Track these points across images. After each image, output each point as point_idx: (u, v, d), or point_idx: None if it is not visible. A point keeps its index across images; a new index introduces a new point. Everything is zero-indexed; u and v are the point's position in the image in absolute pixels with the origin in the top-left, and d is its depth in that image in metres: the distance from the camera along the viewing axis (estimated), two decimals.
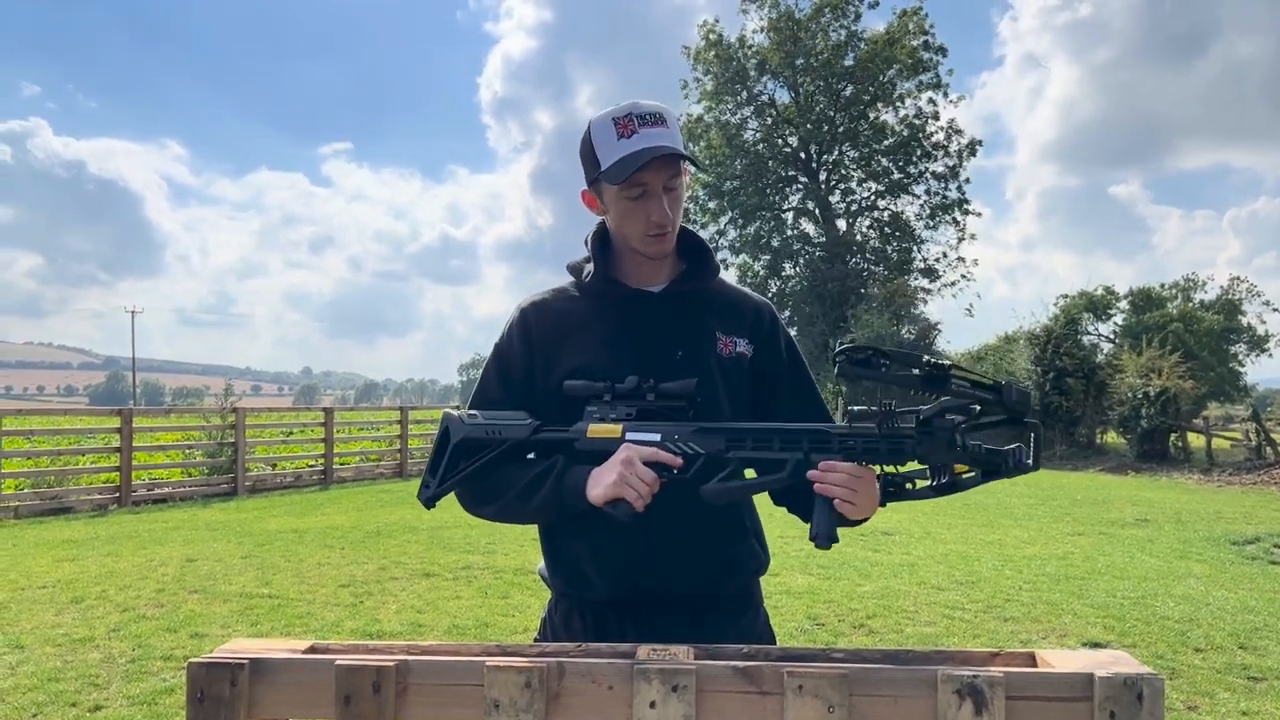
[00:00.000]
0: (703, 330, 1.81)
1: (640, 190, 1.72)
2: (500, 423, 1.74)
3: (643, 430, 1.66)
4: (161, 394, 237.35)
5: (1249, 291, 40.65)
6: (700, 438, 1.63)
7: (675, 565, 1.73)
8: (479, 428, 1.74)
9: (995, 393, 1.45)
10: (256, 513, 12.17)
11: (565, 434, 1.70)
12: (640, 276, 1.84)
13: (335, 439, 16.84)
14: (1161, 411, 20.77)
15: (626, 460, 1.59)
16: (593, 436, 1.69)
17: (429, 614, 6.37)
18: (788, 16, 37.71)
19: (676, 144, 1.72)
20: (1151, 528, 10.88)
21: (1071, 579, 7.65)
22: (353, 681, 1.28)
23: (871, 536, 9.72)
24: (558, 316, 1.83)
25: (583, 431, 1.69)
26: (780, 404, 1.84)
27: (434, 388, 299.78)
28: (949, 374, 1.46)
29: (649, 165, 1.68)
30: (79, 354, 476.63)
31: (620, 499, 1.59)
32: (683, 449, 1.62)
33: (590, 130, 1.76)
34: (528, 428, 1.72)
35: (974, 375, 1.47)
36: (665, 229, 1.75)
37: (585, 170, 1.80)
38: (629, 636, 1.66)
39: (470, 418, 1.75)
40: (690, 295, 1.84)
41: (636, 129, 1.71)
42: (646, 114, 1.73)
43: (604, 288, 1.82)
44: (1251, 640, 5.78)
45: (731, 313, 1.86)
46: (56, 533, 10.33)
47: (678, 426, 1.65)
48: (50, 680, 4.91)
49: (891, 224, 39.70)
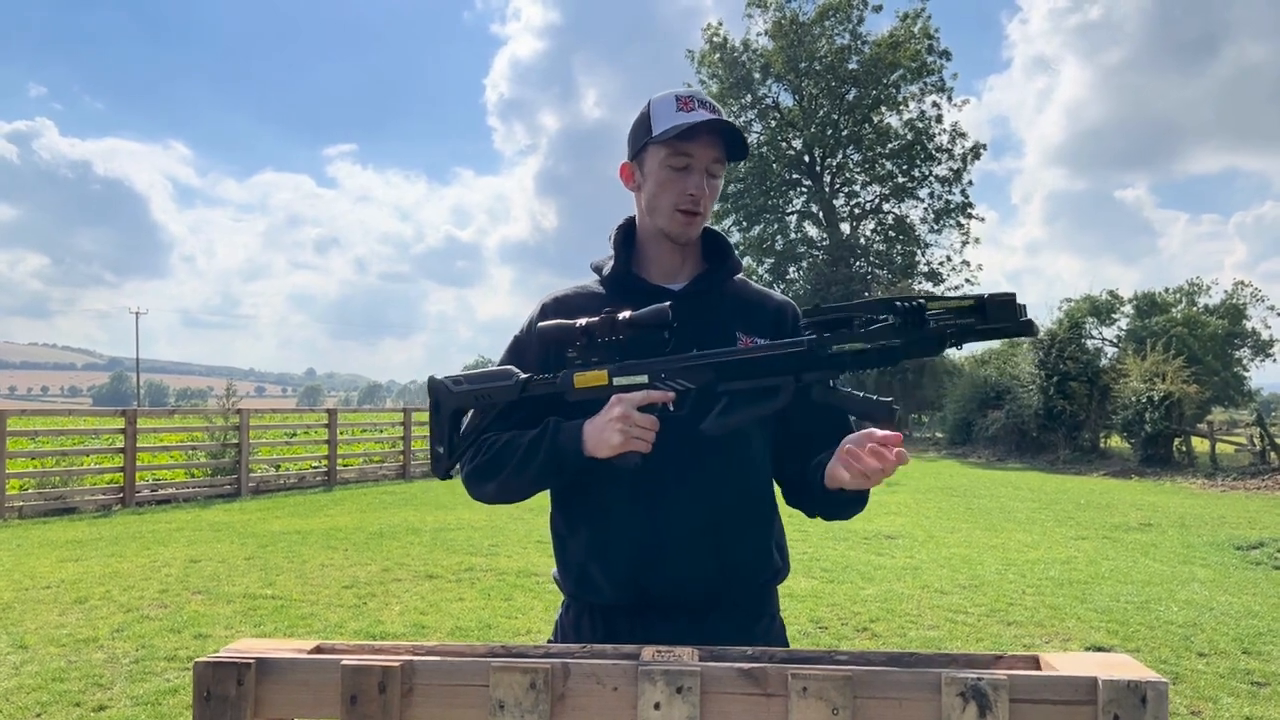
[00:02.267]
0: (722, 328, 1.82)
1: (685, 162, 1.77)
2: (488, 385, 1.72)
3: (629, 371, 1.63)
4: (165, 395, 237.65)
5: (1253, 296, 40.64)
6: (688, 373, 1.60)
7: (683, 570, 1.72)
8: (468, 395, 1.73)
9: (979, 313, 1.36)
10: (260, 514, 12.19)
11: (553, 385, 1.68)
12: (663, 273, 1.87)
13: (339, 440, 16.86)
14: (1165, 416, 20.74)
15: (623, 416, 1.59)
16: (580, 387, 1.66)
17: (432, 615, 6.38)
18: (792, 20, 37.73)
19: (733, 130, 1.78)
20: (1155, 532, 10.86)
21: (1075, 583, 7.64)
22: (359, 682, 1.28)
23: (875, 540, 9.72)
24: (577, 311, 1.83)
25: (570, 381, 1.67)
26: (798, 405, 1.84)
27: None
28: (924, 312, 1.40)
29: (700, 138, 1.75)
30: (83, 355, 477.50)
31: (629, 452, 1.60)
32: (672, 386, 1.61)
33: (650, 104, 1.82)
34: (515, 387, 1.70)
35: (951, 301, 1.40)
36: (698, 207, 1.79)
37: (632, 143, 1.85)
38: (638, 640, 1.66)
39: (456, 384, 1.74)
40: (711, 293, 1.86)
41: (696, 108, 1.77)
42: (708, 101, 1.79)
43: (625, 283, 1.85)
44: (1255, 645, 5.77)
45: (753, 311, 1.87)
46: (61, 533, 10.35)
47: (664, 363, 1.62)
48: (54, 680, 4.92)
49: (895, 227, 39.73)
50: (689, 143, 1.75)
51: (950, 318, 1.39)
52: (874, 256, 39.37)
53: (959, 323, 1.38)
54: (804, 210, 40.84)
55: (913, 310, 1.40)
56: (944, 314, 1.39)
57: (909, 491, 15.37)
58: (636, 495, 1.70)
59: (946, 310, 1.39)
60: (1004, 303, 1.34)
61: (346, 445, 17.51)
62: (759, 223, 39.59)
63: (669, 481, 1.70)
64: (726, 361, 1.59)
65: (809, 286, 37.64)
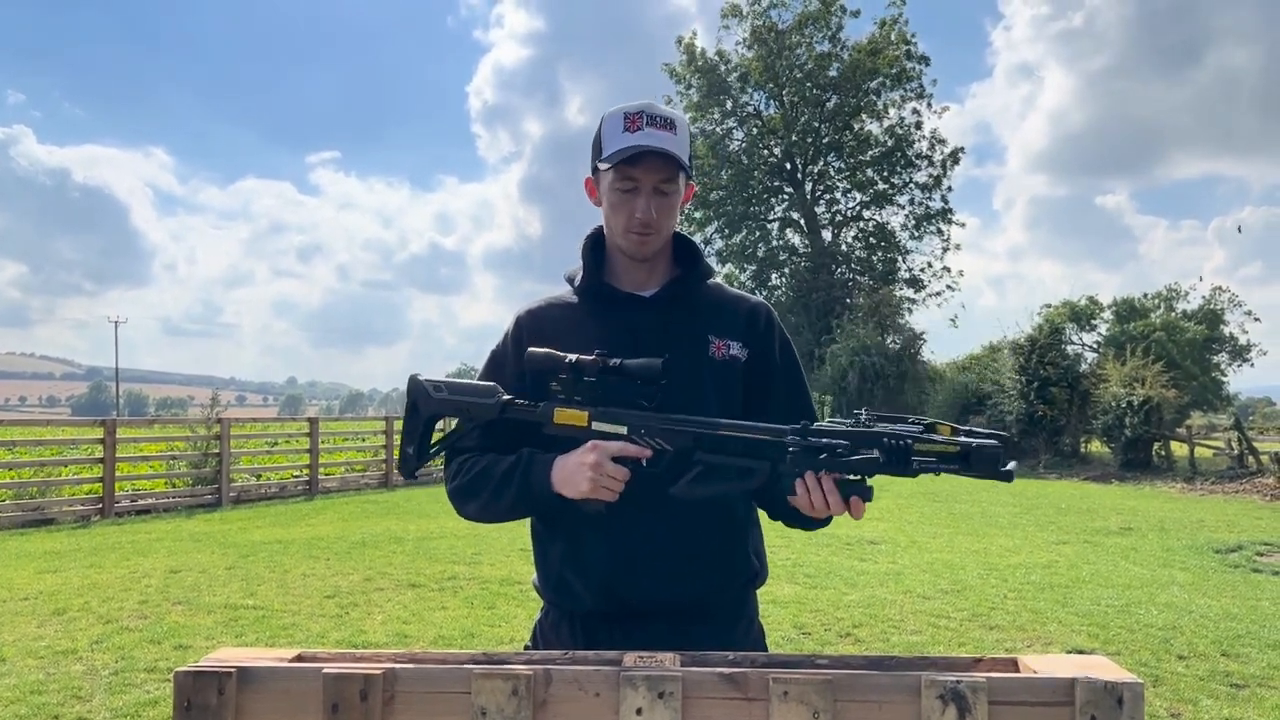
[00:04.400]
0: (694, 333, 1.82)
1: (632, 184, 1.75)
2: (469, 399, 1.72)
3: (610, 419, 1.63)
4: (145, 405, 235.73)
5: (1230, 301, 41.03)
6: (669, 435, 1.60)
7: (660, 576, 1.73)
8: (447, 404, 1.73)
9: (963, 460, 1.42)
10: (241, 523, 12.10)
11: (532, 414, 1.68)
12: (633, 281, 1.86)
13: (320, 449, 16.77)
14: (1145, 420, 20.90)
15: (596, 464, 1.60)
16: (559, 423, 1.66)
17: (415, 625, 6.35)
18: (769, 29, 37.88)
19: (679, 150, 1.74)
20: (1135, 536, 10.94)
21: (1056, 587, 7.68)
22: (340, 690, 1.28)
23: (858, 546, 9.74)
24: (551, 323, 1.85)
25: (549, 414, 1.66)
26: (771, 407, 1.82)
27: None
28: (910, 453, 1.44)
29: (641, 161, 1.72)
30: (61, 364, 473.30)
31: (593, 499, 1.62)
32: (650, 444, 1.61)
33: (602, 121, 1.80)
34: (495, 406, 1.70)
35: (938, 446, 1.44)
36: (648, 229, 1.77)
37: (592, 156, 1.84)
38: (616, 646, 1.67)
39: (437, 389, 1.73)
40: (682, 298, 1.85)
41: (643, 126, 1.74)
42: (657, 116, 1.76)
43: (596, 291, 1.84)
44: (1234, 648, 5.82)
45: (725, 315, 1.86)
46: (38, 544, 10.25)
47: (646, 418, 1.62)
48: (32, 693, 4.87)
49: (876, 234, 39.91)
50: (633, 167, 1.73)
51: (933, 461, 1.43)
52: (855, 263, 39.51)
53: (941, 466, 1.43)
54: (785, 217, 40.96)
55: (899, 450, 1.44)
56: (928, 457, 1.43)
57: (891, 497, 15.42)
58: (612, 505, 1.71)
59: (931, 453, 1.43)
60: (989, 455, 1.40)
61: (328, 454, 17.41)
62: (740, 230, 39.69)
63: (644, 491, 1.69)
64: (709, 435, 1.59)
65: (791, 294, 37.74)
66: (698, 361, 1.80)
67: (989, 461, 1.40)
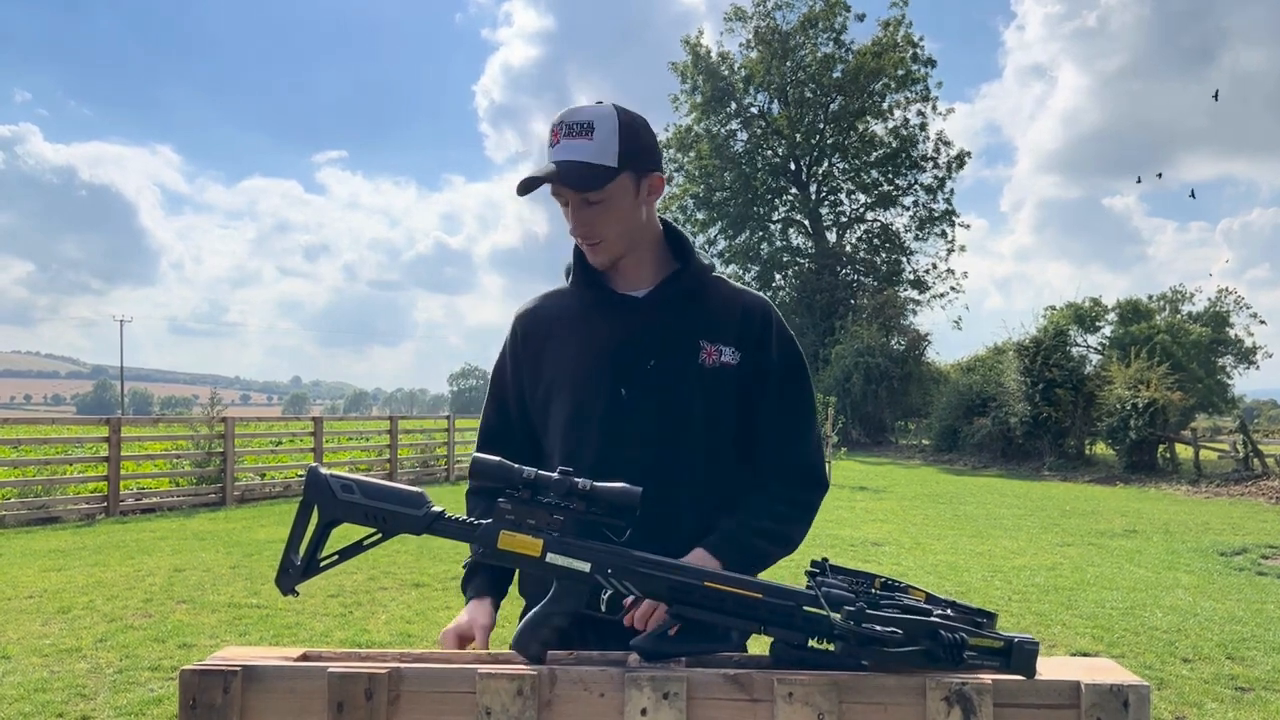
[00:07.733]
0: (684, 338, 1.74)
1: (563, 200, 1.71)
2: (386, 506, 1.38)
3: (570, 552, 1.36)
4: (150, 403, 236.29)
5: (1236, 304, 41.00)
6: (640, 579, 1.36)
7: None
8: (357, 509, 1.38)
9: (1004, 656, 1.29)
10: (245, 522, 12.12)
11: (470, 535, 1.38)
12: (626, 280, 1.79)
13: (324, 449, 16.80)
14: (1150, 423, 20.85)
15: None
16: (504, 550, 1.37)
17: (418, 624, 6.35)
18: (774, 30, 37.90)
19: (596, 156, 1.63)
20: (1140, 539, 10.92)
21: (1060, 590, 7.67)
22: (346, 689, 1.28)
23: (861, 547, 9.74)
24: (547, 321, 1.83)
25: (492, 538, 1.37)
26: (761, 417, 1.76)
27: (424, 397, 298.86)
28: (963, 649, 1.27)
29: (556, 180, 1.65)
30: (66, 363, 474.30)
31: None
32: (617, 587, 1.36)
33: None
34: (421, 520, 1.37)
35: (985, 640, 1.29)
36: (588, 240, 1.71)
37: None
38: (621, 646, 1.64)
39: (346, 489, 1.39)
40: (677, 300, 1.76)
41: (560, 139, 1.65)
42: (575, 124, 1.64)
43: (589, 290, 1.79)
44: (1239, 651, 5.81)
45: (720, 318, 1.76)
46: (43, 542, 10.26)
47: (614, 554, 1.36)
48: (37, 691, 4.88)
49: (881, 235, 39.95)
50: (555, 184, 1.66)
51: (977, 656, 1.29)
52: (859, 264, 39.56)
53: (985, 661, 1.29)
54: (789, 218, 41.00)
55: (954, 646, 1.27)
56: (973, 651, 1.28)
57: (895, 499, 15.41)
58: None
59: (978, 649, 1.29)
60: (1029, 652, 1.28)
61: (332, 454, 17.43)
62: (744, 231, 39.73)
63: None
64: (688, 584, 1.35)
65: (795, 294, 37.77)
66: (684, 368, 1.72)
67: (1028, 658, 1.27)
